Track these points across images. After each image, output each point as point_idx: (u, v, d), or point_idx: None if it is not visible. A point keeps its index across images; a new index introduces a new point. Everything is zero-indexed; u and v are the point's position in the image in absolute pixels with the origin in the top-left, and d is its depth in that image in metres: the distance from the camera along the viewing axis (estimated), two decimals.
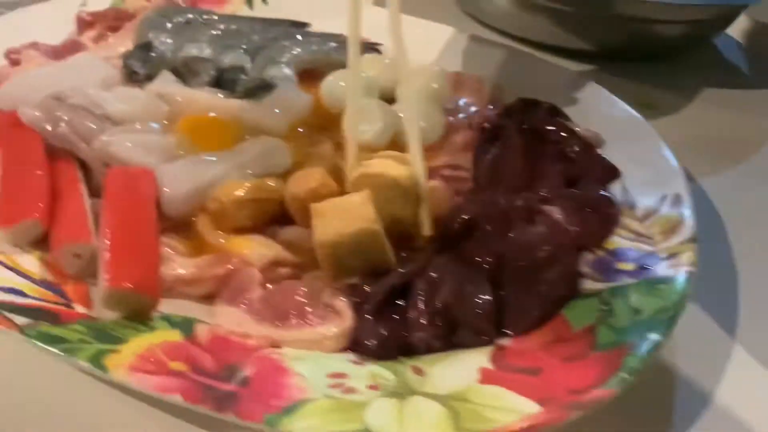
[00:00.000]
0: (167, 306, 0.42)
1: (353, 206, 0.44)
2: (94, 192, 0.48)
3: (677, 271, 0.45)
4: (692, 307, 0.48)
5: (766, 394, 0.44)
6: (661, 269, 0.45)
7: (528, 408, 0.36)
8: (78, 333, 0.37)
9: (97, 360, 0.36)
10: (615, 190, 0.55)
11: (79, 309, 0.39)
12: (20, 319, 0.37)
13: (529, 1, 0.80)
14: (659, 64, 0.80)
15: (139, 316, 0.40)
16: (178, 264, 0.44)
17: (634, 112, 0.63)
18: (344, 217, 0.43)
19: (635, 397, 0.41)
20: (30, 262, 0.43)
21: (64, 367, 0.38)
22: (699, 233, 0.47)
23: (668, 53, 0.82)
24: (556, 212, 0.50)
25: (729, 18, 0.84)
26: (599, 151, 0.58)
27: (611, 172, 0.56)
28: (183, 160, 0.49)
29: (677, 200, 0.52)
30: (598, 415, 0.36)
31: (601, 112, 0.64)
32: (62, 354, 0.36)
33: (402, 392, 0.37)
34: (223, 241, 0.46)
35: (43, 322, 0.38)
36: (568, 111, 0.62)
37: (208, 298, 0.44)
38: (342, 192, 0.48)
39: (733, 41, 0.88)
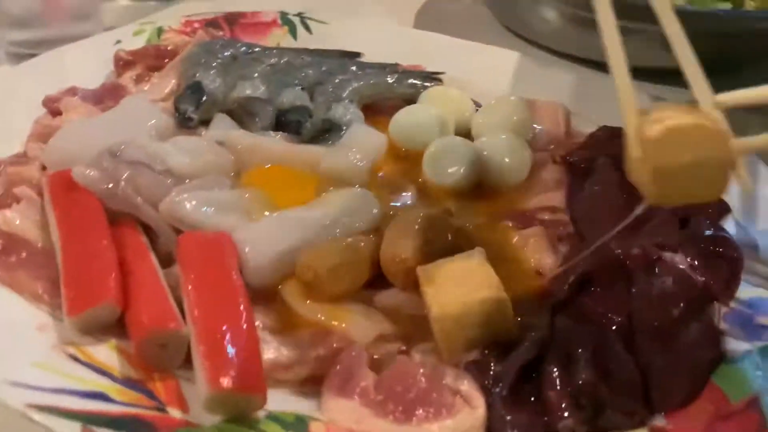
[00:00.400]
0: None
1: (472, 271, 0.39)
2: (162, 262, 0.42)
3: None
4: None
5: None
6: None
7: None
8: None
9: None
10: (729, 227, 0.49)
11: (175, 413, 0.34)
12: None
13: (583, 16, 0.75)
14: (729, 78, 0.75)
15: (244, 416, 0.34)
16: (275, 346, 0.38)
17: None
18: (464, 284, 0.38)
19: None
20: (105, 353, 0.37)
21: None
22: None
23: (737, 67, 0.77)
24: (679, 260, 0.45)
25: None
26: None
27: (722, 208, 0.51)
28: (263, 221, 0.43)
29: None
30: None
31: None
32: None
33: None
34: (318, 313, 0.41)
35: None
36: None
37: (307, 384, 0.38)
38: (447, 247, 0.42)
39: None
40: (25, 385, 0.33)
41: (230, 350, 0.34)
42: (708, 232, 0.48)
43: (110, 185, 0.44)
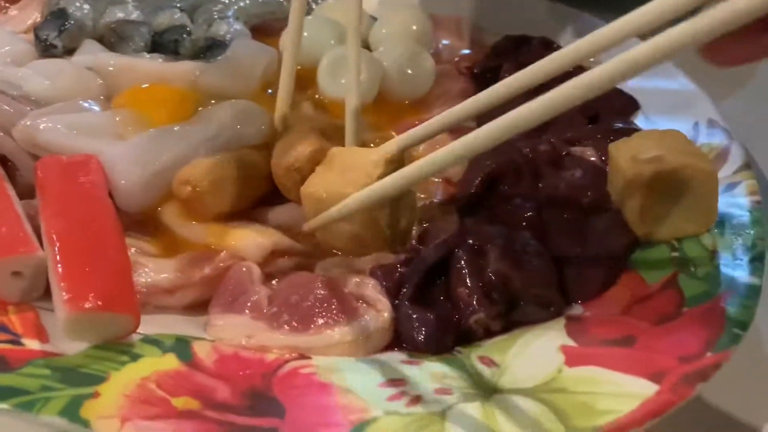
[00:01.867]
0: (145, 325, 0.32)
1: (366, 164, 0.35)
2: (22, 193, 0.37)
3: (744, 203, 0.38)
4: None
5: None
6: (724, 203, 0.39)
7: (641, 388, 0.28)
8: (38, 378, 0.27)
9: (71, 412, 0.26)
10: (639, 122, 0.48)
11: (32, 345, 0.29)
12: None
13: None
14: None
15: (115, 342, 0.30)
16: (152, 269, 0.34)
17: (634, 38, 0.57)
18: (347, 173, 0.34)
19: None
20: None
21: None
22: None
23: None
24: (588, 153, 0.43)
25: None
26: None
27: (630, 104, 0.50)
28: (134, 140, 0.39)
29: (712, 125, 0.46)
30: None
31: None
32: (21, 410, 0.25)
33: (481, 392, 0.29)
34: (202, 233, 0.36)
35: None
36: (562, 44, 0.55)
37: (195, 308, 0.34)
38: None
39: None
40: None
41: (91, 269, 0.30)
42: (618, 126, 0.46)
43: None
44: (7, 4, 0.55)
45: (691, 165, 0.35)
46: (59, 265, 0.30)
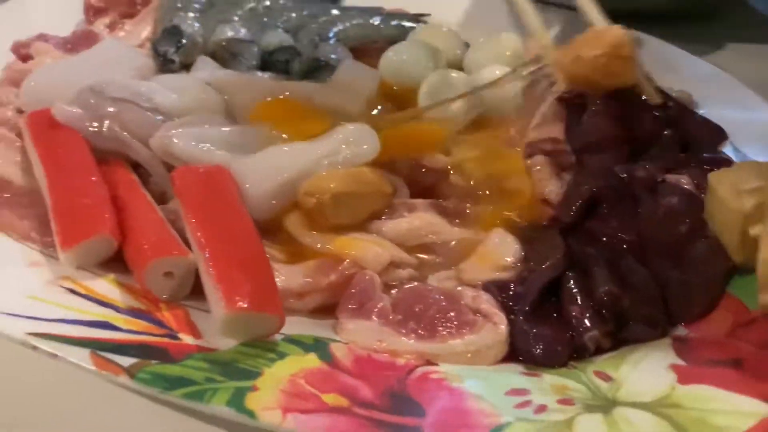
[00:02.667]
0: None
1: None
2: (155, 201, 0.40)
3: None
4: None
5: None
6: None
7: (756, 407, 0.30)
8: (200, 370, 0.30)
9: (237, 403, 0.28)
10: (727, 151, 0.49)
11: (187, 339, 0.32)
12: (123, 360, 0.29)
13: None
14: (693, 23, 0.75)
15: (261, 340, 0.32)
16: (284, 274, 0.37)
17: (715, 68, 0.59)
18: None
19: None
20: (106, 287, 0.35)
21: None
22: None
23: (701, 12, 0.77)
24: (684, 182, 0.45)
25: None
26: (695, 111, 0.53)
27: (719, 134, 0.51)
28: (261, 154, 0.41)
29: None
30: None
31: (679, 70, 0.59)
32: (191, 400, 0.28)
33: (602, 404, 0.31)
34: (325, 242, 0.39)
35: (152, 360, 0.30)
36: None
37: (319, 312, 0.37)
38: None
39: None
40: (22, 316, 0.31)
41: (243, 272, 0.32)
42: (708, 156, 0.48)
43: (95, 123, 0.42)
44: (122, 20, 0.59)
45: None
46: (212, 269, 0.33)
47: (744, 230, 0.36)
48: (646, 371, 0.33)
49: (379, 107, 0.49)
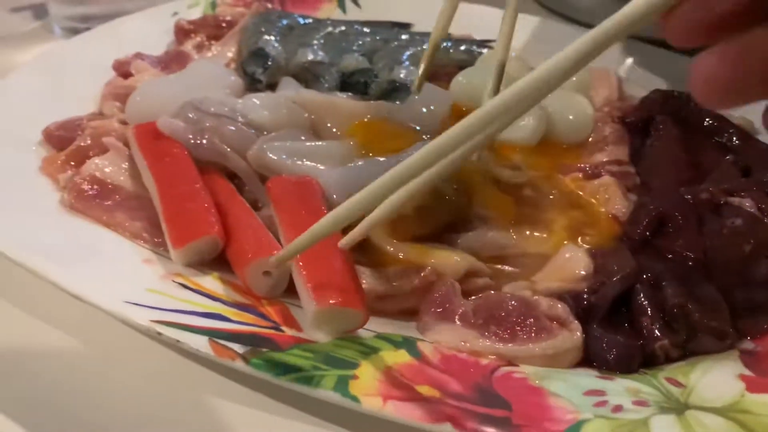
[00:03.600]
0: (369, 324, 0.37)
1: None
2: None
3: None
4: None
5: None
6: None
7: None
8: (306, 359, 0.33)
9: (342, 389, 0.31)
10: None
11: (290, 332, 0.35)
12: (237, 347, 0.33)
13: None
14: None
15: (353, 337, 0.35)
16: (369, 278, 0.39)
17: None
18: None
19: None
20: (212, 284, 0.38)
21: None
22: None
23: None
24: (747, 204, 0.46)
25: None
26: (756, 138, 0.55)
27: None
28: (348, 166, 0.45)
29: None
30: None
31: None
32: (301, 384, 0.31)
33: (675, 407, 0.33)
34: (407, 250, 0.42)
35: (263, 348, 0.33)
36: None
37: (402, 314, 0.40)
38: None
39: None
40: (145, 306, 0.34)
41: (329, 271, 0.36)
42: None
43: (197, 135, 0.46)
44: (209, 41, 0.63)
45: None
46: (303, 269, 0.36)
47: None
48: (715, 379, 0.35)
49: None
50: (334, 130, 0.50)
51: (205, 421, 0.34)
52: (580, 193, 0.50)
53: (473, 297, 0.39)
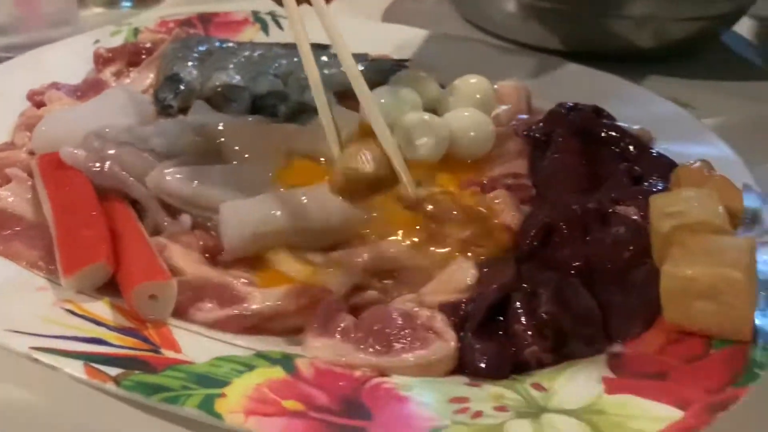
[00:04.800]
0: (254, 343, 0.39)
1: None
2: (150, 232, 0.45)
3: None
4: None
5: None
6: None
7: (669, 413, 0.34)
8: (177, 379, 0.34)
9: (207, 407, 0.33)
10: None
11: (168, 354, 0.36)
12: (111, 370, 0.34)
13: (535, 5, 0.79)
14: (672, 63, 0.80)
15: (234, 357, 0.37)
16: (259, 299, 0.41)
17: (676, 106, 0.63)
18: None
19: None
20: (101, 308, 0.39)
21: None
22: None
23: (679, 52, 0.81)
24: (631, 212, 0.49)
25: (737, 15, 0.84)
26: (652, 147, 0.57)
27: (671, 167, 0.55)
28: (251, 200, 0.46)
29: (747, 190, 0.51)
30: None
31: (642, 109, 0.63)
32: (167, 404, 0.33)
33: (532, 411, 0.35)
34: (297, 269, 0.43)
35: (136, 371, 0.34)
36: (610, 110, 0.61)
37: (291, 332, 0.41)
38: None
39: (740, 37, 0.88)
40: (27, 333, 0.36)
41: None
42: (659, 187, 0.52)
43: (97, 163, 0.47)
44: (128, 68, 0.65)
45: (718, 272, 0.37)
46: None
47: (663, 251, 0.40)
48: (578, 383, 0.37)
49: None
50: (246, 155, 0.52)
51: None
52: (478, 207, 0.51)
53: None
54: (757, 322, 0.39)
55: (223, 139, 0.52)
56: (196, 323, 0.40)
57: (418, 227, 0.49)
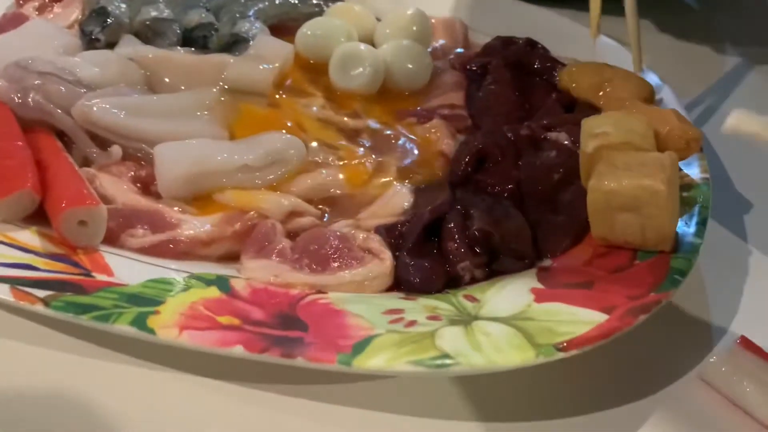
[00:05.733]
0: (190, 268, 0.39)
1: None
2: (80, 164, 0.44)
3: (695, 179, 0.45)
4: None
5: None
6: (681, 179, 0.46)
7: (594, 317, 0.35)
8: (109, 300, 0.34)
9: (140, 323, 0.32)
10: None
11: (101, 277, 0.36)
12: (40, 293, 0.33)
13: None
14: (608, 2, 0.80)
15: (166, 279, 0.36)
16: (193, 225, 0.41)
17: (609, 39, 0.64)
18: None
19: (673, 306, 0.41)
20: (28, 237, 0.38)
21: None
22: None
23: None
24: (563, 137, 0.50)
25: None
26: None
27: None
28: (187, 142, 0.45)
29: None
30: (645, 324, 0.36)
31: (577, 43, 0.64)
32: (98, 322, 0.32)
33: (464, 319, 0.36)
34: (234, 197, 0.43)
35: (67, 293, 0.34)
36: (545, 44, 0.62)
37: (228, 259, 0.41)
38: None
39: None
40: None
41: None
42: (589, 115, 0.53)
43: (20, 94, 0.45)
44: (51, 3, 0.62)
45: (639, 184, 0.38)
46: None
47: (589, 170, 0.41)
48: (508, 294, 0.38)
49: (290, 80, 0.54)
50: (178, 85, 0.51)
51: None
52: (413, 136, 0.52)
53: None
54: (679, 232, 0.41)
55: (155, 71, 0.51)
56: (128, 250, 0.39)
57: (356, 156, 0.49)
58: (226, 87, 0.51)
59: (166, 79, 0.51)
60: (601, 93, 0.51)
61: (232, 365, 0.33)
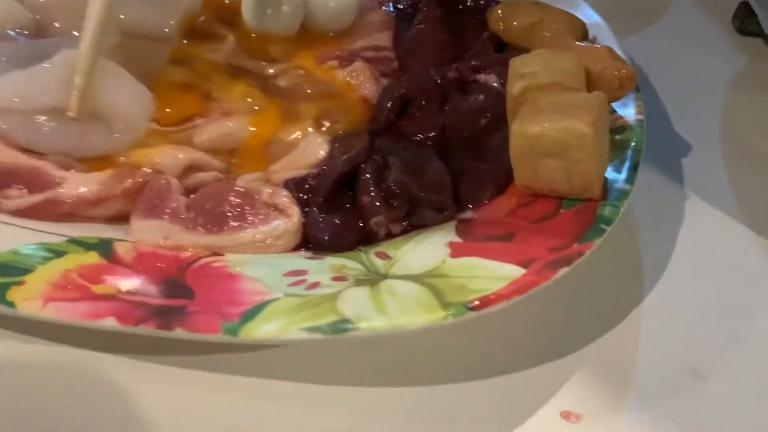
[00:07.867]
0: (72, 231, 0.35)
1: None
2: None
3: (629, 121, 0.43)
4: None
5: (726, 235, 0.43)
6: (615, 119, 0.43)
7: (511, 272, 0.32)
8: None
9: None
10: None
11: None
12: None
13: None
14: None
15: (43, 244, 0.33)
16: (78, 182, 0.37)
17: None
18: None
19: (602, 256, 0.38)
20: None
21: None
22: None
23: None
24: (492, 80, 0.46)
25: None
26: None
27: None
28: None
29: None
30: (572, 276, 0.33)
31: None
32: None
33: (372, 279, 0.33)
34: (125, 152, 0.39)
35: None
36: None
37: (118, 220, 0.37)
38: None
39: None
40: None
41: None
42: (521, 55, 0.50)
43: None
44: None
45: (563, 126, 0.35)
46: None
47: (515, 112, 0.38)
48: (423, 249, 0.35)
49: (202, 18, 0.49)
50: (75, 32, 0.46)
51: None
52: (335, 81, 0.48)
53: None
54: (609, 178, 0.39)
55: (45, 15, 0.46)
56: (2, 213, 0.35)
57: (268, 104, 0.45)
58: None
59: (57, 24, 0.46)
60: (531, 33, 0.48)
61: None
